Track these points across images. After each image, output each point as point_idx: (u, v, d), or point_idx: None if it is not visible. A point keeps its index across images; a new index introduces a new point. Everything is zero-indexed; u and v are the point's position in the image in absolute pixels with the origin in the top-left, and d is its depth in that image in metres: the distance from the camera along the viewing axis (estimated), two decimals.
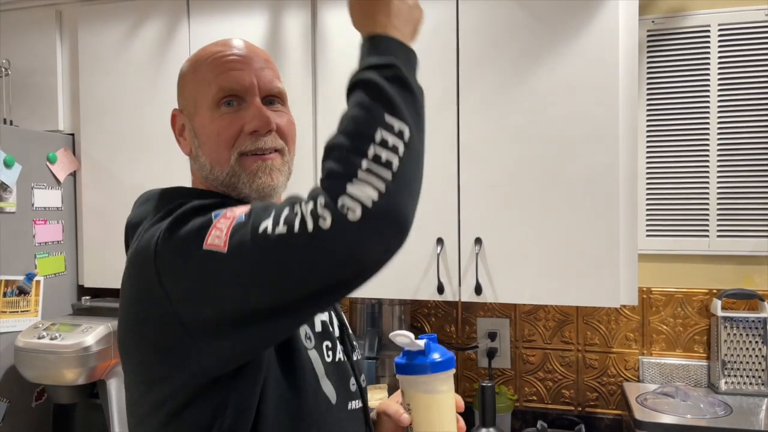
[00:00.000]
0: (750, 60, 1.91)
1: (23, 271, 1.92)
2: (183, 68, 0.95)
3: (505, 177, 1.73)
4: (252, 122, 0.87)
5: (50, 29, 2.16)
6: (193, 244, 0.72)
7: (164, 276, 0.74)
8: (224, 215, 0.73)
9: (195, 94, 0.90)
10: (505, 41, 1.72)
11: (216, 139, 0.87)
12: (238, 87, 0.87)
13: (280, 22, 1.91)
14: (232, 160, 0.87)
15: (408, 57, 0.79)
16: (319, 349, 0.87)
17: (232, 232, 0.70)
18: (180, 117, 0.95)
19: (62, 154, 2.08)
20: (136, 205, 0.92)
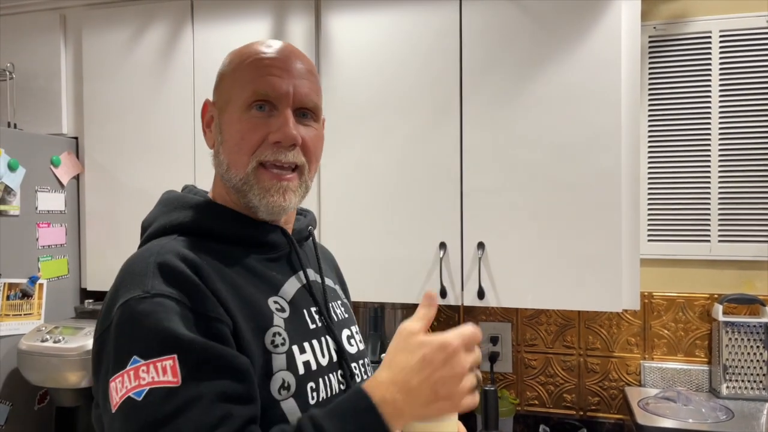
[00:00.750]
0: (751, 66, 1.92)
1: (26, 274, 1.93)
2: (224, 61, 0.94)
3: (507, 182, 1.73)
4: (277, 133, 0.85)
5: (54, 33, 2.17)
6: (108, 367, 0.76)
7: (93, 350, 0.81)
8: (136, 371, 0.72)
9: (230, 91, 0.89)
10: (508, 47, 1.73)
11: (239, 142, 0.86)
12: (272, 93, 0.86)
13: (284, 27, 1.92)
14: (249, 168, 0.86)
15: None
16: (300, 396, 0.83)
17: (124, 405, 0.72)
18: (211, 109, 0.94)
19: (66, 158, 2.09)
20: (156, 204, 0.96)
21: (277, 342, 0.83)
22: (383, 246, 1.83)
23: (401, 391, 0.73)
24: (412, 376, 0.73)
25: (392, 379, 0.74)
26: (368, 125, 1.84)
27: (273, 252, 0.93)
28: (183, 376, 0.71)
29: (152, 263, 0.80)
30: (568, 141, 1.69)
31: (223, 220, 0.89)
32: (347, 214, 1.86)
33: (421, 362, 0.74)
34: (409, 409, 0.73)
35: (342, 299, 1.06)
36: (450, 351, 0.74)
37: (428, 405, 0.73)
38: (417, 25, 1.80)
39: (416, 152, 1.81)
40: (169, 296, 0.76)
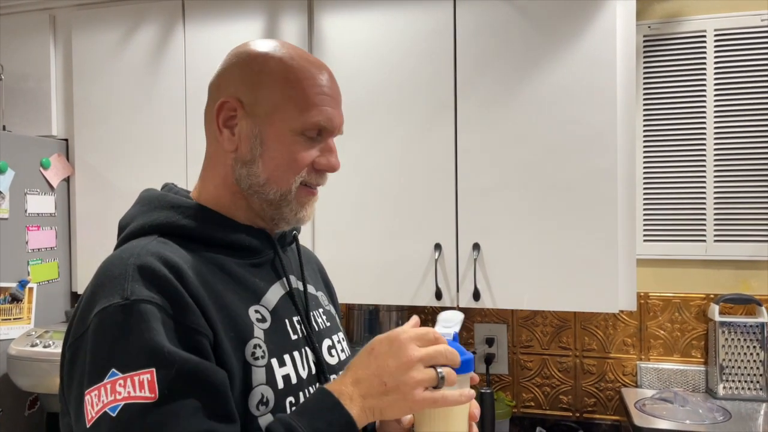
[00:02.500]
0: (746, 65, 1.91)
1: (16, 277, 1.90)
2: (260, 61, 0.87)
3: (503, 182, 1.72)
4: (327, 162, 0.88)
5: (44, 34, 2.14)
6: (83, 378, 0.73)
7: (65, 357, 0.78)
8: (113, 384, 0.70)
9: (276, 104, 0.85)
10: (503, 46, 1.72)
11: (290, 164, 0.86)
12: (329, 126, 0.88)
13: (277, 27, 1.90)
14: (293, 187, 0.87)
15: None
16: (278, 411, 0.82)
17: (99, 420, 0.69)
18: (236, 109, 0.86)
19: (56, 160, 2.07)
20: (134, 202, 0.92)
21: (258, 354, 0.81)
22: (378, 247, 1.82)
23: (354, 383, 0.76)
24: (363, 369, 0.77)
25: (349, 376, 0.78)
26: (362, 126, 1.83)
27: (256, 257, 0.91)
28: (160, 390, 0.70)
29: (131, 265, 0.77)
30: (563, 141, 1.68)
31: (206, 222, 0.86)
32: (341, 216, 1.84)
33: (368, 355, 0.78)
34: (363, 400, 0.75)
35: (324, 307, 1.03)
36: (396, 344, 0.77)
37: (380, 396, 0.75)
38: (411, 25, 1.79)
39: (411, 153, 1.79)
40: (149, 301, 0.74)
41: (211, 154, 0.92)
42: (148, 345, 0.71)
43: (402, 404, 0.76)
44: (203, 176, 0.93)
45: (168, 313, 0.74)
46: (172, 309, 0.75)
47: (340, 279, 1.21)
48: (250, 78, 0.87)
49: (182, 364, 0.72)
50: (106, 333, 0.73)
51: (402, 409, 0.77)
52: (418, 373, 0.75)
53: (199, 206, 0.88)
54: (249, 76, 0.87)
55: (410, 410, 0.77)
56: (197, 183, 0.94)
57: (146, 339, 0.71)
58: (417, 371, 0.75)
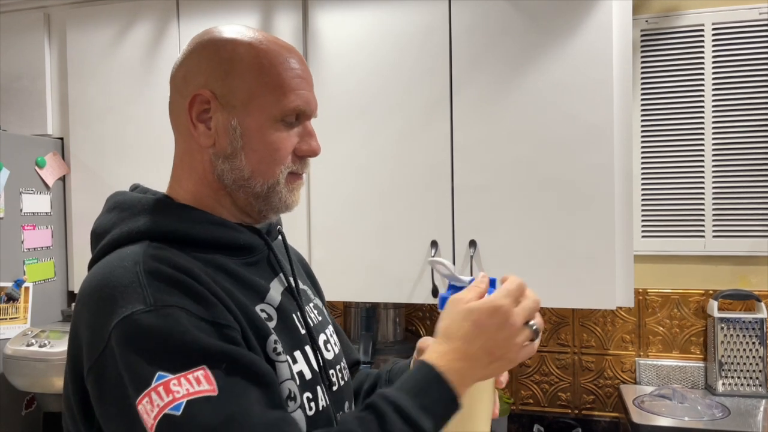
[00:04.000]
0: (744, 59, 1.90)
1: (12, 277, 1.90)
2: (232, 51, 0.83)
3: (499, 179, 1.71)
4: (309, 147, 0.87)
5: (38, 32, 2.13)
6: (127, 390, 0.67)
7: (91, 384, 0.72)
8: (165, 386, 0.66)
9: (253, 92, 0.82)
10: (499, 42, 1.71)
11: (273, 154, 0.83)
12: (307, 110, 0.86)
13: (271, 23, 1.89)
14: (281, 177, 0.85)
15: (448, 417, 0.74)
16: (302, 407, 0.81)
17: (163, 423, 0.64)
18: (209, 101, 0.82)
19: (51, 159, 2.06)
20: (105, 209, 0.87)
21: (279, 350, 0.80)
22: (374, 245, 1.81)
23: (462, 358, 0.75)
24: (470, 343, 0.75)
25: (452, 348, 0.75)
26: (357, 123, 1.82)
27: (251, 255, 0.88)
28: (218, 384, 0.66)
29: (141, 272, 0.72)
30: (559, 137, 1.66)
31: (199, 223, 0.82)
32: (337, 213, 1.83)
33: (475, 329, 0.75)
34: (471, 373, 0.75)
35: (314, 301, 1.01)
36: (502, 314, 0.75)
37: (487, 366, 0.75)
38: (406, 21, 1.78)
39: (406, 150, 1.78)
40: (176, 306, 0.70)
41: (184, 151, 0.87)
42: (192, 345, 0.68)
43: (503, 368, 0.78)
44: (177, 175, 0.88)
45: (196, 315, 0.71)
46: (200, 309, 0.71)
47: (336, 277, 1.20)
48: (220, 67, 0.82)
49: (232, 358, 0.70)
50: (138, 339, 0.68)
51: (500, 372, 0.79)
52: (521, 337, 0.77)
53: (187, 207, 0.84)
54: (219, 64, 0.82)
55: (507, 368, 0.79)
56: (171, 181, 0.89)
57: (188, 339, 0.68)
58: (522, 335, 0.77)
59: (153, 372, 0.66)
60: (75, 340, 0.75)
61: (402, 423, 0.69)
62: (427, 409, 0.71)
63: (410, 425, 0.69)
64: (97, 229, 0.85)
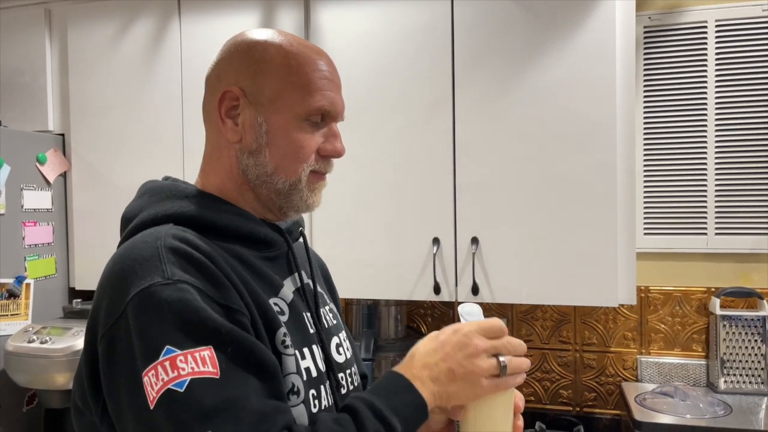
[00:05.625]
0: (747, 56, 1.89)
1: (13, 273, 1.89)
2: (259, 49, 0.86)
3: (501, 176, 1.71)
4: (333, 148, 0.88)
5: (39, 28, 2.13)
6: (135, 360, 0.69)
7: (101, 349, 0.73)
8: (172, 361, 0.67)
9: (278, 91, 0.84)
10: (501, 39, 1.70)
11: (297, 152, 0.85)
12: (333, 111, 0.88)
13: (273, 20, 1.89)
14: (303, 175, 0.86)
15: (417, 424, 0.77)
16: (306, 402, 0.82)
17: (165, 398, 0.66)
18: (239, 98, 0.85)
19: (52, 155, 2.05)
20: (136, 195, 0.90)
21: (287, 343, 0.81)
22: (376, 242, 1.80)
23: (424, 368, 0.78)
24: (431, 356, 0.79)
25: (417, 361, 0.80)
26: (360, 120, 1.81)
27: (270, 250, 0.89)
28: (221, 367, 0.68)
29: (162, 248, 0.75)
30: (562, 133, 1.66)
31: (223, 213, 0.85)
32: (339, 210, 1.83)
33: (437, 344, 0.80)
34: (434, 386, 0.77)
35: (330, 304, 1.02)
36: (463, 334, 0.79)
37: (449, 383, 0.78)
38: (408, 18, 1.77)
39: (409, 147, 1.78)
40: (191, 284, 0.72)
41: (213, 146, 0.90)
42: (202, 322, 0.70)
43: (469, 392, 0.79)
44: (205, 169, 0.91)
45: (209, 296, 0.72)
46: (213, 291, 0.73)
47: (337, 274, 1.20)
48: (250, 66, 0.85)
49: (238, 343, 0.71)
50: (152, 311, 0.70)
51: (468, 396, 0.79)
52: (483, 362, 0.78)
53: (213, 197, 0.87)
54: (249, 64, 0.86)
55: (475, 397, 0.80)
56: (199, 175, 0.92)
57: (200, 317, 0.70)
58: (482, 360, 0.78)
59: (162, 345, 0.68)
60: (94, 310, 0.77)
61: (374, 419, 0.72)
62: (397, 411, 0.74)
63: (381, 422, 0.72)
64: (127, 214, 0.88)
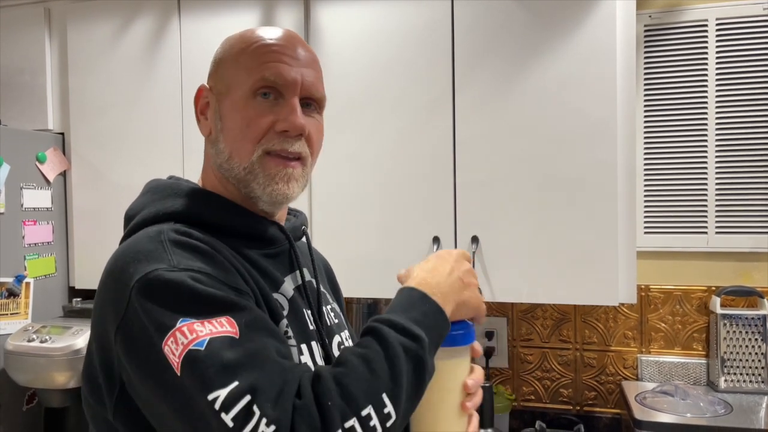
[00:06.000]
0: (748, 55, 1.89)
1: (12, 272, 1.89)
2: (223, 45, 0.88)
3: (501, 175, 1.71)
4: (285, 121, 0.81)
5: (39, 27, 2.12)
6: (152, 338, 0.67)
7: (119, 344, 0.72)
8: (189, 327, 0.66)
9: (231, 76, 0.84)
10: (502, 38, 1.70)
11: (243, 130, 0.81)
12: (280, 81, 0.81)
13: (273, 19, 1.88)
14: (254, 156, 0.82)
15: (440, 333, 0.76)
16: None
17: (188, 359, 0.65)
18: (207, 95, 0.88)
19: (52, 154, 2.05)
20: (140, 193, 0.90)
21: (290, 334, 0.82)
22: (375, 241, 1.80)
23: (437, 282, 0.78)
24: (438, 270, 0.80)
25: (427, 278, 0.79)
26: (360, 118, 1.81)
27: (271, 247, 0.89)
28: (240, 330, 0.68)
29: (166, 241, 0.74)
30: (562, 132, 1.66)
31: (224, 210, 0.84)
32: (339, 209, 1.83)
33: (438, 260, 0.82)
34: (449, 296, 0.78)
35: (332, 304, 1.02)
36: (456, 253, 0.84)
37: (461, 292, 0.79)
38: (409, 17, 1.77)
39: (409, 145, 1.78)
40: (198, 271, 0.71)
41: (204, 146, 0.92)
42: (214, 297, 0.69)
43: (474, 301, 0.81)
44: (203, 167, 0.92)
45: (219, 279, 0.72)
46: (221, 275, 0.73)
47: (338, 273, 1.20)
48: (216, 61, 0.88)
49: (253, 314, 0.71)
50: (161, 291, 0.69)
51: (472, 308, 0.81)
52: (474, 279, 0.83)
53: (213, 195, 0.86)
54: (216, 60, 0.89)
55: (475, 311, 0.82)
56: (200, 175, 0.93)
57: (210, 293, 0.69)
58: (474, 277, 0.84)
59: (176, 318, 0.67)
60: (99, 306, 0.77)
61: (396, 333, 0.71)
62: (418, 321, 0.73)
63: (405, 334, 0.71)
64: (129, 211, 0.87)
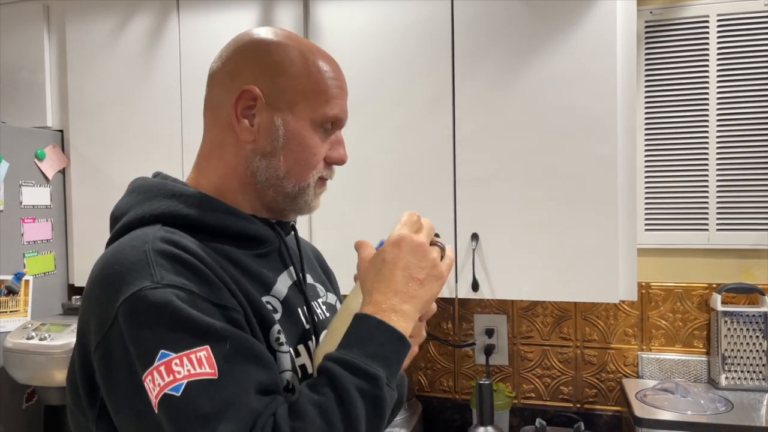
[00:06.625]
0: (749, 51, 1.88)
1: (12, 270, 1.89)
2: (283, 54, 0.85)
3: (501, 171, 1.70)
4: (338, 156, 0.90)
5: (38, 24, 2.12)
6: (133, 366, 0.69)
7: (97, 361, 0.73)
8: (167, 365, 0.67)
9: (298, 95, 0.85)
10: (502, 33, 1.69)
11: (309, 158, 0.86)
12: (342, 119, 0.90)
13: (272, 16, 1.88)
14: (311, 180, 0.88)
15: (400, 358, 0.76)
16: None
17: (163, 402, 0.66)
18: (256, 99, 0.84)
19: (51, 151, 2.05)
20: (125, 193, 0.89)
21: (282, 340, 0.81)
22: (375, 237, 1.79)
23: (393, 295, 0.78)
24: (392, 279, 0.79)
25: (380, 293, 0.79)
26: (359, 115, 1.80)
27: (262, 247, 0.89)
28: (219, 366, 0.68)
29: (150, 251, 0.74)
30: (562, 128, 1.65)
31: (212, 212, 0.83)
32: (338, 205, 1.82)
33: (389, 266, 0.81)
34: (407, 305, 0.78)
35: (323, 297, 1.02)
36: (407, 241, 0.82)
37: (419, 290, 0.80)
38: (408, 12, 1.76)
39: (408, 142, 1.77)
40: (181, 287, 0.71)
41: (215, 144, 0.88)
42: (195, 323, 0.69)
43: (438, 286, 0.83)
44: (202, 166, 0.89)
45: (202, 296, 0.72)
46: (206, 291, 0.73)
47: (337, 270, 1.19)
48: (271, 68, 0.85)
49: (235, 339, 0.71)
50: (144, 315, 0.69)
51: (435, 292, 0.83)
52: (432, 253, 0.83)
53: (202, 195, 0.85)
54: (270, 65, 0.85)
55: (441, 288, 0.83)
56: (193, 172, 0.90)
57: (192, 318, 0.69)
58: (431, 252, 0.83)
59: (157, 350, 0.67)
60: (84, 316, 0.77)
61: (353, 376, 0.70)
62: (376, 356, 0.72)
63: (361, 376, 0.70)
64: (115, 212, 0.87)
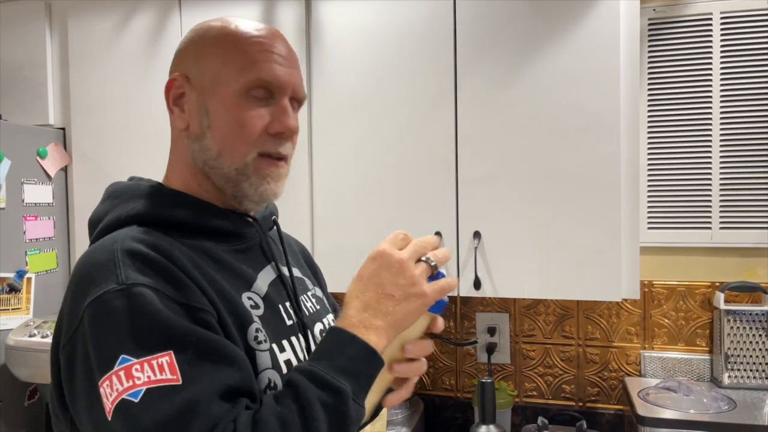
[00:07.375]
0: (753, 48, 1.87)
1: (14, 268, 1.89)
2: (199, 34, 0.85)
3: (504, 169, 1.70)
4: (279, 124, 0.82)
5: (39, 22, 2.12)
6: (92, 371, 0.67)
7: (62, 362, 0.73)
8: (127, 370, 0.65)
9: (219, 71, 0.81)
10: (504, 31, 1.69)
11: (238, 131, 0.81)
12: (275, 82, 0.82)
13: (274, 14, 1.87)
14: (248, 158, 0.82)
15: (370, 374, 0.73)
16: None
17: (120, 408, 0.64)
18: (183, 85, 0.84)
19: (53, 149, 2.05)
20: (101, 199, 0.88)
21: (260, 338, 0.79)
22: (377, 236, 1.78)
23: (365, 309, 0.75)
24: (364, 294, 0.76)
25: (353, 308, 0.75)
26: (361, 113, 1.80)
27: (241, 242, 0.87)
28: (182, 372, 0.65)
29: (118, 251, 0.72)
30: (565, 126, 1.65)
31: (187, 208, 0.82)
32: (340, 204, 1.82)
33: (364, 281, 0.77)
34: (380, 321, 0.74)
35: (312, 289, 1.00)
36: (381, 256, 0.77)
37: (394, 308, 0.75)
38: (410, 11, 1.75)
39: (410, 140, 1.77)
40: (147, 286, 0.69)
41: (173, 139, 0.89)
42: (159, 326, 0.67)
43: (416, 305, 0.76)
44: (170, 163, 0.90)
45: (168, 296, 0.70)
46: (173, 291, 0.70)
47: (338, 268, 1.19)
48: (193, 51, 0.85)
49: (201, 343, 0.68)
50: (106, 320, 0.68)
51: (418, 310, 0.76)
52: (414, 270, 0.76)
53: (174, 192, 0.84)
54: (192, 49, 0.85)
55: (425, 307, 0.77)
56: (165, 171, 0.90)
57: (156, 321, 0.67)
58: (412, 269, 0.76)
59: (117, 354, 0.66)
60: (59, 320, 0.77)
61: (317, 389, 0.68)
62: (344, 370, 0.70)
63: (325, 389, 0.68)
64: (92, 218, 0.86)
